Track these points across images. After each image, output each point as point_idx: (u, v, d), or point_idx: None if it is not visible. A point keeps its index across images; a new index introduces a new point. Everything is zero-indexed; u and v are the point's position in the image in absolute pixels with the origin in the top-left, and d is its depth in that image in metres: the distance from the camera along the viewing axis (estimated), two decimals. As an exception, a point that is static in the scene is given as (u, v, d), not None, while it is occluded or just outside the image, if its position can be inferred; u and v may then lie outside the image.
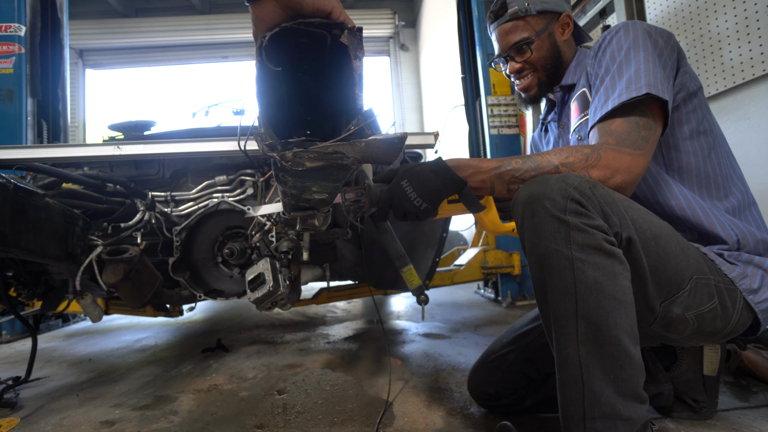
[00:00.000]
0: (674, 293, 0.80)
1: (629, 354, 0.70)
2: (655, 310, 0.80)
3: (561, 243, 0.72)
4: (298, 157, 0.46)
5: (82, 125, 6.93)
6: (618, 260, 0.72)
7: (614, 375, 0.70)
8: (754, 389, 1.20)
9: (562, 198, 0.72)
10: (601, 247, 0.71)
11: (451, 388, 1.33)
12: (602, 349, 0.70)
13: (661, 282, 0.79)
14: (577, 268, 0.71)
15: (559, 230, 0.72)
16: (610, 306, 0.70)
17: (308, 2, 0.49)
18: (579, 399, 0.71)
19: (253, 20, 0.51)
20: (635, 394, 0.71)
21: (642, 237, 0.77)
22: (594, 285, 0.70)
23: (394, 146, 0.49)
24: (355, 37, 0.51)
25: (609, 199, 0.75)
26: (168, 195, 1.50)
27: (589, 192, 0.73)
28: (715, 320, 0.82)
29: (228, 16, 6.84)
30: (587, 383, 0.70)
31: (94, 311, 1.56)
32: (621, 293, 0.71)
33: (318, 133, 0.61)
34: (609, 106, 0.86)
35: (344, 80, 0.54)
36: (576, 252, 0.71)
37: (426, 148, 1.59)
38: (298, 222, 0.83)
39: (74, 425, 1.21)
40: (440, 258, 1.77)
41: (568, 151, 0.84)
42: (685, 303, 0.80)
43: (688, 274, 0.80)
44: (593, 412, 0.70)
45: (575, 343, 0.71)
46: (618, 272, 0.71)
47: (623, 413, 0.69)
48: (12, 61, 2.59)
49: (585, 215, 0.72)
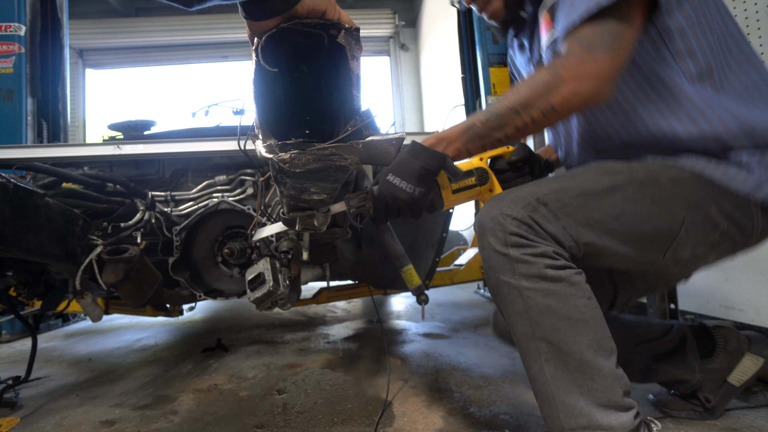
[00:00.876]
0: (669, 243, 0.79)
1: (596, 367, 0.71)
2: (658, 262, 0.80)
3: (508, 274, 0.74)
4: (295, 159, 0.46)
5: (82, 125, 6.92)
6: (568, 282, 0.73)
7: (587, 387, 0.71)
8: (754, 389, 1.20)
9: (502, 233, 0.74)
10: (545, 276, 0.72)
11: (451, 388, 1.33)
12: (567, 366, 0.72)
13: (646, 246, 0.79)
14: (527, 296, 0.73)
15: (504, 263, 0.75)
16: (565, 327, 0.72)
17: (303, 5, 0.48)
18: (555, 413, 0.73)
19: (248, 26, 0.51)
20: (614, 403, 0.71)
21: (602, 229, 0.76)
22: (545, 309, 0.72)
23: (392, 147, 0.49)
24: (353, 37, 0.51)
25: (554, 215, 0.75)
26: (168, 195, 1.50)
27: (529, 220, 0.74)
28: (734, 237, 0.81)
29: (228, 16, 6.83)
30: (558, 397, 0.72)
31: (94, 311, 1.56)
32: (577, 313, 0.72)
33: (316, 133, 0.61)
34: (578, 10, 0.75)
35: (342, 80, 0.54)
36: (523, 282, 0.73)
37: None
38: (298, 222, 0.83)
39: (74, 425, 1.21)
40: (440, 258, 1.77)
41: (525, 85, 0.77)
42: (689, 243, 0.79)
43: (677, 222, 0.78)
44: (570, 423, 0.71)
45: (540, 362, 0.74)
46: (569, 294, 0.72)
47: (602, 422, 0.70)
48: (12, 61, 2.59)
49: (526, 246, 0.73)
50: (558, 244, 0.74)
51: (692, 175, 0.80)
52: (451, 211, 1.72)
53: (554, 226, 0.74)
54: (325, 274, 1.72)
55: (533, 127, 0.78)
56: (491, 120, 0.79)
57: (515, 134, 0.79)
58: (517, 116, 0.77)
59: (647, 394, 1.15)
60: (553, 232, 0.74)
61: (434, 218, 1.71)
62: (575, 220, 0.76)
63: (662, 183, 0.79)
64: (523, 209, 0.75)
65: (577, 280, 0.74)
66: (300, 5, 0.48)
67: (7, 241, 1.11)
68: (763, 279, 1.51)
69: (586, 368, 0.71)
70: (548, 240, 0.74)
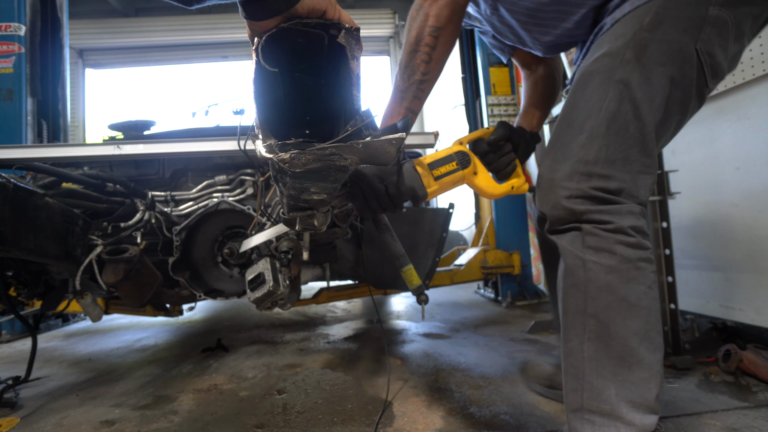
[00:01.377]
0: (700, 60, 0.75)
1: (639, 357, 0.70)
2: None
3: (576, 245, 0.74)
4: (295, 159, 0.46)
5: (82, 125, 6.92)
6: (634, 265, 0.71)
7: (621, 377, 0.70)
8: (754, 389, 1.20)
9: (578, 192, 0.75)
10: (614, 251, 0.71)
11: (451, 388, 1.33)
12: (609, 349, 0.70)
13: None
14: (589, 269, 0.72)
15: (574, 236, 0.75)
16: (620, 307, 0.70)
17: (303, 4, 0.48)
18: (579, 390, 0.72)
19: (248, 25, 0.51)
20: (645, 401, 0.69)
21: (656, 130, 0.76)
22: (605, 286, 0.71)
23: (392, 147, 0.49)
24: (353, 37, 0.50)
25: (609, 170, 0.74)
26: (168, 195, 1.50)
27: (592, 192, 0.73)
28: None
29: (228, 16, 6.83)
30: (588, 377, 0.71)
31: (94, 311, 1.56)
32: (635, 297, 0.71)
33: (316, 132, 0.61)
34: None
35: (342, 80, 0.54)
36: (588, 254, 0.73)
37: (426, 148, 1.59)
38: (298, 222, 0.83)
39: (74, 425, 1.21)
40: (440, 258, 1.77)
41: (407, 29, 0.90)
42: (713, 42, 0.75)
43: (690, 50, 0.74)
44: (592, 405, 0.70)
45: (582, 338, 0.73)
46: (632, 277, 0.71)
47: (626, 416, 0.69)
48: (12, 61, 2.59)
49: (600, 216, 0.72)
50: (632, 198, 0.74)
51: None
52: (451, 210, 1.72)
53: (618, 181, 0.73)
54: (325, 274, 1.72)
55: (436, 52, 0.87)
56: (404, 71, 0.88)
57: (429, 66, 0.87)
58: (417, 52, 0.87)
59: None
60: (618, 188, 0.73)
61: (434, 218, 1.71)
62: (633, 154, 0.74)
63: (649, 39, 0.75)
64: (578, 181, 0.75)
65: (645, 266, 0.72)
66: (300, 5, 0.48)
67: (7, 241, 1.11)
68: (763, 279, 1.51)
69: (627, 355, 0.70)
70: (622, 202, 0.73)
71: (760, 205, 1.51)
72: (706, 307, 1.73)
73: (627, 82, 0.74)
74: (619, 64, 0.75)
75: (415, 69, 0.88)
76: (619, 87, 0.74)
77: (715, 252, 1.70)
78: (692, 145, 1.78)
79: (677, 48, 0.73)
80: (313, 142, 0.49)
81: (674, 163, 1.83)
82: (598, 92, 0.76)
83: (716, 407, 1.11)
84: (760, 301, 1.52)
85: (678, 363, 1.38)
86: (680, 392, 1.21)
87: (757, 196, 1.52)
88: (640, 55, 0.73)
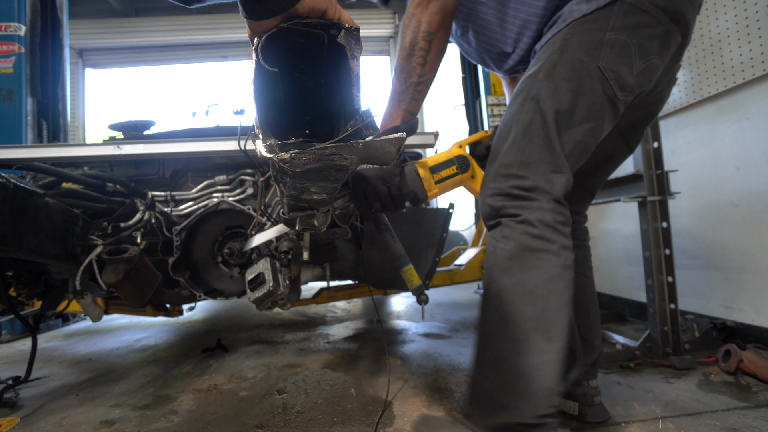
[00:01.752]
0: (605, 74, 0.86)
1: (532, 342, 0.78)
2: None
3: (495, 234, 0.89)
4: (296, 158, 0.46)
5: (82, 125, 6.91)
6: (535, 255, 0.81)
7: (512, 359, 0.79)
8: (754, 389, 1.20)
9: (497, 191, 0.89)
10: (518, 240, 0.83)
11: (451, 388, 1.33)
12: (505, 330, 0.82)
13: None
14: (496, 254, 0.86)
15: (496, 228, 0.90)
16: (516, 291, 0.82)
17: (303, 4, 0.48)
18: (476, 360, 0.87)
19: (248, 25, 0.51)
20: (529, 388, 0.77)
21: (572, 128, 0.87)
22: (506, 269, 0.84)
23: (392, 147, 0.49)
24: (353, 37, 0.50)
25: (521, 171, 0.86)
26: (168, 195, 1.50)
27: (507, 189, 0.87)
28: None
29: (228, 16, 6.83)
30: (480, 350, 0.86)
31: (94, 311, 1.56)
32: (532, 284, 0.81)
33: (317, 132, 0.61)
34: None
35: (342, 80, 0.54)
36: (498, 243, 0.86)
37: (426, 148, 1.59)
38: (298, 222, 0.83)
39: (74, 425, 1.21)
40: (440, 258, 1.77)
41: (401, 35, 0.96)
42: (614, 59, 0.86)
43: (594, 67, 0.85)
44: (479, 379, 0.86)
45: (486, 315, 0.87)
46: (533, 265, 0.82)
47: (500, 400, 0.80)
48: (12, 61, 2.59)
49: (513, 210, 0.85)
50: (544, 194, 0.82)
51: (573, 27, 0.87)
52: (451, 211, 1.72)
53: (531, 180, 0.83)
54: (325, 274, 1.71)
55: (431, 55, 0.93)
56: (400, 74, 0.94)
57: (425, 68, 0.93)
58: (413, 56, 0.92)
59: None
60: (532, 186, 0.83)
61: (434, 218, 1.71)
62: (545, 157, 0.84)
63: (564, 59, 0.86)
64: (499, 181, 0.86)
65: (548, 257, 0.80)
66: (300, 4, 0.48)
67: (7, 241, 1.11)
68: (763, 279, 1.51)
69: (520, 338, 0.78)
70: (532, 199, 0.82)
71: (760, 205, 1.51)
72: (706, 307, 1.73)
73: (538, 97, 0.86)
74: (534, 82, 0.87)
75: (411, 72, 0.93)
76: (533, 102, 0.86)
77: (715, 252, 1.70)
78: (692, 145, 1.78)
79: (581, 66, 0.84)
80: (313, 142, 0.49)
81: (674, 163, 1.83)
82: (518, 107, 0.89)
83: (716, 407, 1.11)
84: (760, 301, 1.52)
85: (678, 363, 1.38)
86: (680, 392, 1.22)
87: (757, 196, 1.52)
88: (549, 73, 0.86)
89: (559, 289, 0.79)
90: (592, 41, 0.84)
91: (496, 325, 0.82)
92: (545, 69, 0.86)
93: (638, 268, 1.62)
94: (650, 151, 1.51)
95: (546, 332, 0.77)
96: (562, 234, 0.82)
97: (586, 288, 1.11)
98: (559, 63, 0.85)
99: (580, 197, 1.13)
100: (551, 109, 0.84)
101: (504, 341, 0.79)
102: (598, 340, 1.10)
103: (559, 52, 0.86)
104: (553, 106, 0.84)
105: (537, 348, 0.76)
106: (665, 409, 1.11)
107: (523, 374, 0.76)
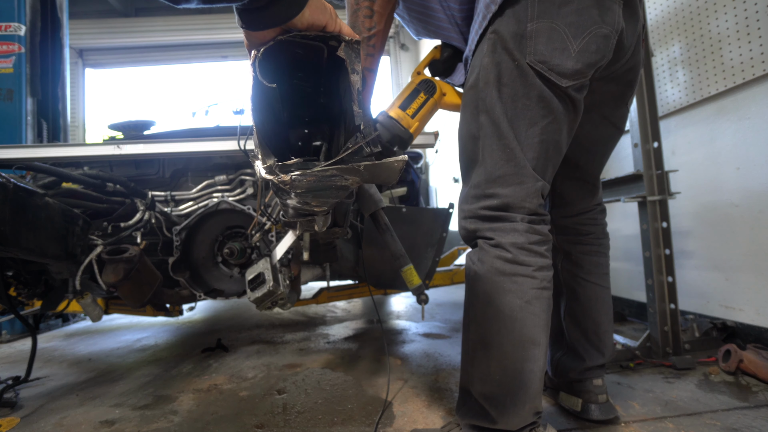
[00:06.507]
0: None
1: (513, 366, 0.80)
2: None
3: (472, 257, 0.92)
4: (296, 181, 0.46)
5: (82, 125, 6.91)
6: (509, 279, 0.82)
7: (497, 377, 0.81)
8: (754, 389, 1.20)
9: (470, 213, 0.92)
10: (492, 265, 0.85)
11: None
12: (487, 351, 0.85)
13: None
14: (473, 278, 0.89)
15: (474, 250, 0.94)
16: (495, 316, 0.84)
17: (302, 19, 0.47)
18: (463, 374, 0.90)
19: (245, 35, 0.49)
20: (511, 404, 0.80)
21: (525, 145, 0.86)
22: (482, 294, 0.86)
23: (393, 170, 0.48)
24: (353, 50, 0.49)
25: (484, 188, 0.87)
26: (168, 194, 1.50)
27: (478, 211, 0.89)
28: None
29: (228, 16, 6.82)
30: (466, 366, 0.89)
31: (94, 311, 1.56)
32: (508, 308, 0.82)
33: (317, 132, 0.61)
34: None
35: (342, 95, 0.53)
36: (475, 266, 0.89)
37: (426, 148, 1.59)
38: (298, 225, 0.83)
39: (74, 425, 1.21)
40: (440, 258, 1.77)
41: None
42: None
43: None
44: (466, 387, 0.89)
45: (467, 335, 0.90)
46: (508, 289, 0.83)
47: (476, 415, 0.85)
48: (12, 61, 2.59)
49: (487, 233, 0.88)
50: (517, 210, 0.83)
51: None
52: (451, 210, 1.72)
53: (500, 198, 0.83)
54: (325, 274, 1.72)
55: (377, 4, 0.90)
56: (351, 24, 0.91)
57: (373, 20, 0.91)
58: (359, 10, 0.90)
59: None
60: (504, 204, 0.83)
61: (434, 218, 1.71)
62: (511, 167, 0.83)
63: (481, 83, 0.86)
64: (470, 203, 0.87)
65: (522, 280, 0.80)
66: (299, 19, 0.47)
67: (7, 241, 1.11)
68: (763, 279, 1.51)
69: (502, 360, 0.80)
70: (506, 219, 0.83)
71: (760, 205, 1.51)
72: (706, 307, 1.73)
73: (486, 108, 0.84)
74: (477, 93, 0.85)
75: (360, 28, 0.91)
76: (484, 114, 0.84)
77: (715, 252, 1.70)
78: (692, 145, 1.78)
79: (513, 66, 0.81)
80: (314, 161, 0.48)
81: (674, 163, 1.83)
82: (471, 121, 0.87)
83: (716, 407, 1.11)
84: (760, 301, 1.52)
85: (678, 363, 1.38)
86: (680, 392, 1.22)
87: (757, 196, 1.52)
88: (488, 80, 0.84)
89: (536, 311, 0.80)
90: (516, 36, 0.80)
91: (476, 345, 0.84)
92: (483, 77, 0.84)
93: (638, 268, 1.62)
94: (650, 151, 1.51)
95: (525, 352, 0.79)
96: (537, 254, 0.82)
97: (598, 297, 1.07)
98: (494, 67, 0.83)
99: (583, 191, 1.10)
100: (502, 117, 0.82)
101: (488, 360, 0.82)
102: (608, 348, 1.06)
103: (490, 55, 0.83)
104: (503, 113, 0.82)
105: (517, 368, 0.79)
106: (665, 409, 1.11)
107: (508, 390, 0.80)
